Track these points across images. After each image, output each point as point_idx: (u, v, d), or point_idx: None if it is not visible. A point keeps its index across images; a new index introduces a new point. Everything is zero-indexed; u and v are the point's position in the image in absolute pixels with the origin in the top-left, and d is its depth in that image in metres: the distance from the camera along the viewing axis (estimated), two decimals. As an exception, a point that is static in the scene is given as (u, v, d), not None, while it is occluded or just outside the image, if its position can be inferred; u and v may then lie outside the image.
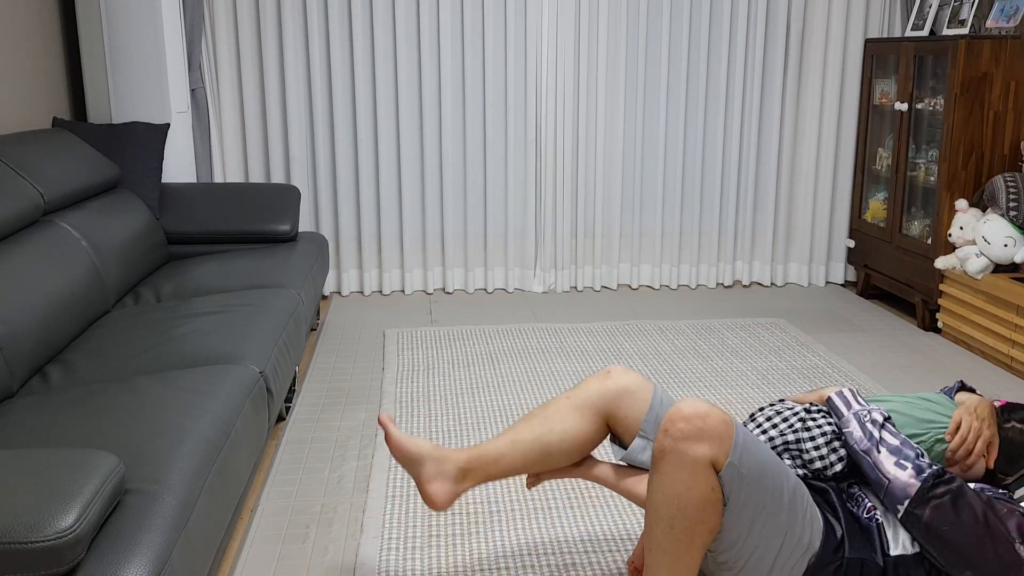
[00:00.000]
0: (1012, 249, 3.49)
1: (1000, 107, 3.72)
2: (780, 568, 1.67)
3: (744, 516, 1.62)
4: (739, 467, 1.59)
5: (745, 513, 1.62)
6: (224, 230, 3.56)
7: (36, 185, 2.72)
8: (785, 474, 1.67)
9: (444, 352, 3.60)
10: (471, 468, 1.87)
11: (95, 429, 1.82)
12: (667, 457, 1.61)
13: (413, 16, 4.23)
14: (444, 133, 4.33)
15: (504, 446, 1.90)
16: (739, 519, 1.62)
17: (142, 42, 3.59)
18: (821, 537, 1.68)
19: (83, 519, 1.33)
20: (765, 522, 1.63)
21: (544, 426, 1.91)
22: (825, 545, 1.68)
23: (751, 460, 1.61)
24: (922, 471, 1.70)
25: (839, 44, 4.47)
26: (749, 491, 1.61)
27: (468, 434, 2.82)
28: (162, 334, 2.48)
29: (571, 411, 1.93)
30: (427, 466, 1.86)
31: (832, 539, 1.69)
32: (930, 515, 1.67)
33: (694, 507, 1.60)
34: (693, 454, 1.59)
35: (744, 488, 1.60)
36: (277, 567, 2.12)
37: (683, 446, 1.59)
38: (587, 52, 4.35)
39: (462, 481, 1.87)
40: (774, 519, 1.63)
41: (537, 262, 4.58)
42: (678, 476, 1.60)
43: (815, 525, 1.68)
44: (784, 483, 1.66)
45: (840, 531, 1.71)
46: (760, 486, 1.62)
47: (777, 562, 1.66)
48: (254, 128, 4.28)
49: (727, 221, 4.63)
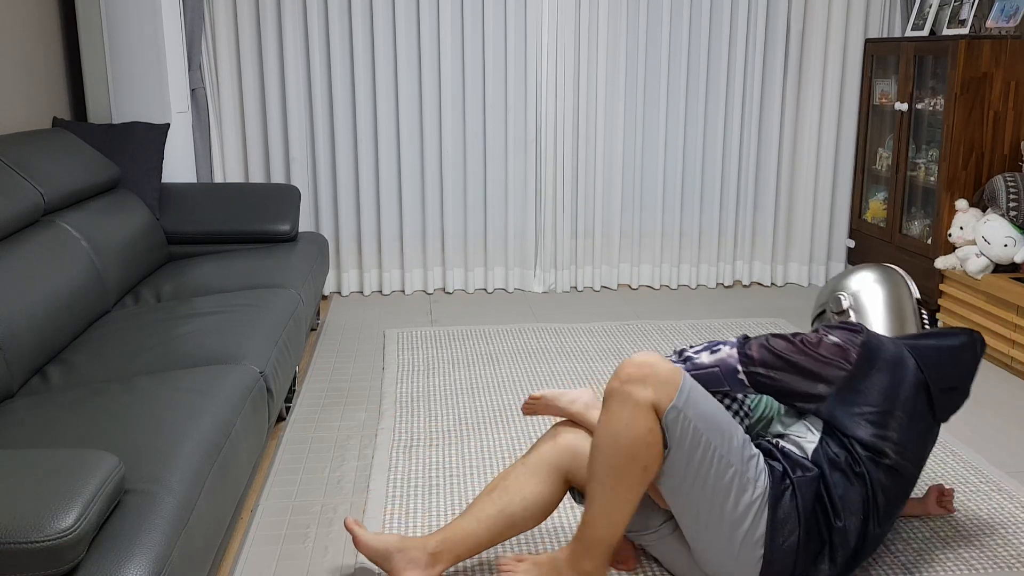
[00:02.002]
0: (1012, 249, 3.49)
1: (1000, 107, 3.72)
2: (736, 523, 1.76)
3: (689, 465, 1.73)
4: (682, 412, 1.72)
5: (691, 461, 1.73)
6: (224, 230, 3.56)
7: (36, 185, 2.72)
8: (734, 428, 1.79)
9: (444, 352, 3.60)
10: (440, 551, 1.93)
11: (95, 429, 1.82)
12: (613, 396, 1.76)
13: (413, 16, 4.23)
14: (444, 133, 4.33)
15: (469, 525, 1.95)
16: (684, 467, 1.73)
17: (142, 42, 3.59)
18: (769, 481, 1.80)
19: (83, 519, 1.33)
20: (712, 473, 1.74)
21: (504, 497, 1.96)
22: (774, 483, 1.80)
23: (696, 409, 1.73)
24: (730, 343, 1.93)
25: (839, 44, 4.47)
26: (694, 438, 1.72)
27: (468, 434, 2.82)
28: (162, 334, 2.48)
29: (529, 477, 1.97)
30: (396, 559, 1.93)
31: (776, 473, 1.82)
32: (759, 353, 1.89)
33: (629, 443, 1.72)
34: (636, 395, 1.72)
35: (688, 435, 1.72)
36: (277, 567, 2.12)
37: (628, 387, 1.74)
38: (587, 51, 4.35)
39: (433, 565, 1.93)
40: (721, 471, 1.74)
41: (537, 262, 4.58)
42: (620, 414, 1.73)
43: (763, 477, 1.79)
44: (733, 436, 1.77)
45: (781, 464, 1.85)
46: (705, 435, 1.73)
47: (731, 516, 1.75)
48: (254, 128, 4.28)
49: (727, 221, 4.63)
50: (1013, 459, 2.71)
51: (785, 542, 1.79)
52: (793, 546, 1.80)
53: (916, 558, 2.15)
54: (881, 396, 1.86)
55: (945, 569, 2.10)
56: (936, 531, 2.27)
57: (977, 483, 2.52)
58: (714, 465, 1.75)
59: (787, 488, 1.81)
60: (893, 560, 2.14)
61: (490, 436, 2.81)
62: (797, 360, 1.88)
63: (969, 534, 2.26)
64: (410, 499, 2.42)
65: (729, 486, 1.76)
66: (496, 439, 2.79)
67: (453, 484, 2.50)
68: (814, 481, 1.83)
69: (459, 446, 2.74)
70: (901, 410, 1.87)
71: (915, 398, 1.89)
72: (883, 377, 1.87)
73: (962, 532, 2.27)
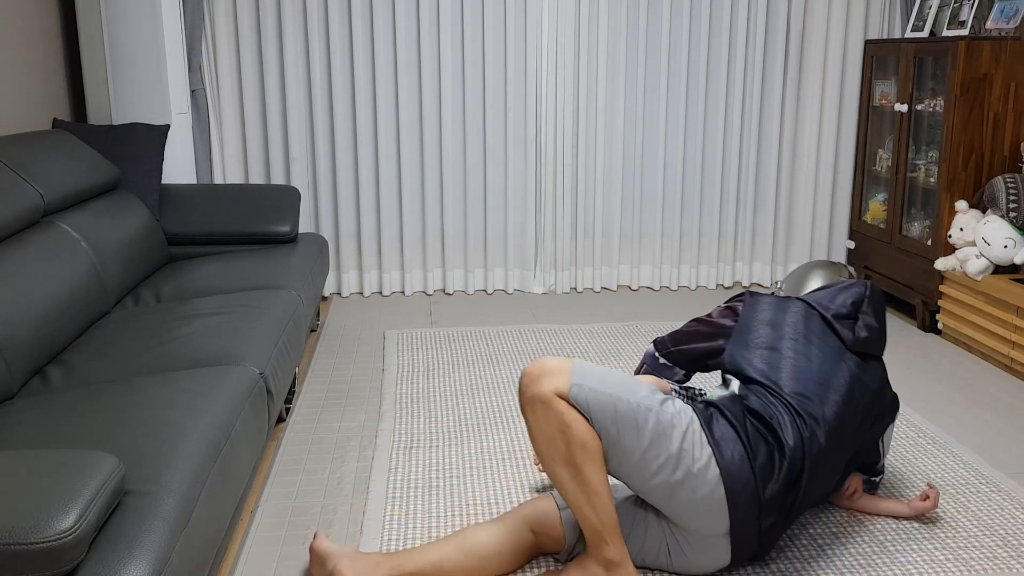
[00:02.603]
0: (1012, 250, 3.49)
1: (1000, 108, 3.72)
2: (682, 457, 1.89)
3: (615, 423, 1.87)
4: (583, 385, 1.87)
5: (615, 419, 1.87)
6: (224, 231, 3.56)
7: (36, 186, 2.72)
8: (636, 383, 1.94)
9: (444, 353, 3.60)
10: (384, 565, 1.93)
11: (95, 430, 1.82)
12: (524, 407, 1.90)
13: (413, 17, 4.23)
14: (444, 134, 4.34)
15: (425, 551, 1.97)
16: (611, 425, 1.87)
17: (142, 43, 3.59)
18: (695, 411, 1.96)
19: (83, 520, 1.33)
20: (636, 420, 1.88)
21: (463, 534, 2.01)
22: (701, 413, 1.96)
23: (595, 378, 1.89)
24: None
25: (839, 45, 4.47)
26: (604, 400, 1.87)
27: (468, 435, 2.82)
28: (162, 335, 2.48)
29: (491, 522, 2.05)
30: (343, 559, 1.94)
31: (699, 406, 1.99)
32: (670, 338, 2.29)
33: (559, 432, 1.85)
34: (539, 392, 1.87)
35: (598, 399, 1.87)
36: (277, 567, 2.11)
37: (530, 391, 1.88)
38: (587, 52, 4.35)
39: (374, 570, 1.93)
40: (643, 417, 1.88)
41: (537, 263, 4.58)
42: (536, 415, 1.88)
43: (686, 411, 1.94)
44: (639, 388, 1.92)
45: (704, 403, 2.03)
46: (612, 393, 1.88)
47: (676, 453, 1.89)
48: (254, 129, 4.28)
49: (727, 222, 4.63)
50: (1013, 460, 2.71)
51: (733, 453, 1.90)
52: (742, 455, 1.90)
53: (915, 558, 2.15)
54: (768, 328, 2.11)
55: (945, 570, 2.10)
56: (935, 532, 2.27)
57: (977, 484, 2.52)
58: (635, 413, 1.88)
59: (713, 411, 1.98)
60: (892, 560, 2.14)
61: (490, 437, 2.81)
62: (698, 329, 2.23)
63: (969, 534, 2.26)
64: (410, 500, 2.42)
65: (658, 427, 1.88)
66: (496, 440, 2.79)
67: (453, 485, 2.50)
68: (735, 400, 2.02)
69: (459, 447, 2.74)
70: (792, 335, 2.09)
71: (805, 324, 2.11)
72: (767, 314, 2.15)
73: (962, 532, 2.27)
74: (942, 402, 3.15)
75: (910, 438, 2.82)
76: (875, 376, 2.14)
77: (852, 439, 2.06)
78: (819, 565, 2.12)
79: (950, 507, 2.40)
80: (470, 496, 2.44)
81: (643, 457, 1.88)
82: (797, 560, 2.14)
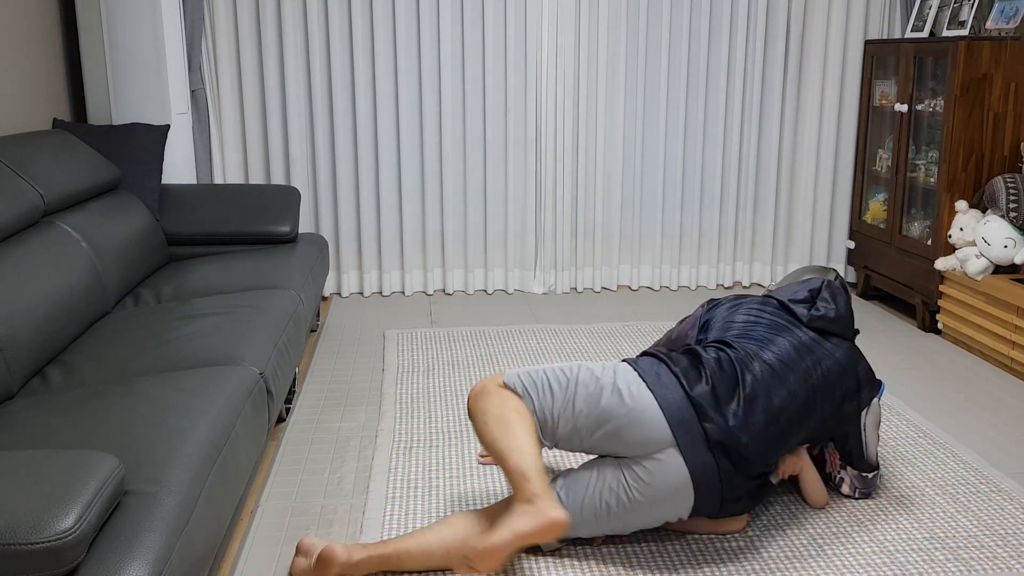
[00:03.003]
0: (1012, 250, 3.49)
1: (1000, 108, 3.72)
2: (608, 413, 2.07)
3: (557, 387, 2.11)
4: (516, 373, 2.15)
5: (556, 384, 2.11)
6: (224, 231, 3.56)
7: (36, 186, 2.72)
8: (566, 366, 2.17)
9: (444, 353, 3.60)
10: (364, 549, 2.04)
11: (95, 430, 1.82)
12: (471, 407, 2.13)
13: (413, 17, 4.23)
14: (444, 134, 4.34)
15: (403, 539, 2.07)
16: (557, 392, 2.10)
17: (142, 43, 3.60)
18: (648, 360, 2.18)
19: (83, 520, 1.34)
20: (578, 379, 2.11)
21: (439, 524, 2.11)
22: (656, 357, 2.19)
23: (523, 370, 2.16)
24: None
25: (839, 45, 4.47)
26: (536, 375, 2.13)
27: (468, 435, 2.82)
28: (162, 335, 2.49)
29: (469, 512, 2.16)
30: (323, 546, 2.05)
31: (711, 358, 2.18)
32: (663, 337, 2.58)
33: (495, 401, 2.09)
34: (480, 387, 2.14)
35: (531, 375, 2.13)
36: (277, 568, 2.12)
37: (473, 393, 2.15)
38: (587, 52, 4.35)
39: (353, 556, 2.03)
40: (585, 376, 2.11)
41: (537, 263, 4.58)
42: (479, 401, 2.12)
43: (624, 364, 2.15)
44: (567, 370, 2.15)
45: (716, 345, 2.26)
46: (542, 369, 2.15)
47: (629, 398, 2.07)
48: (254, 129, 4.28)
49: (727, 222, 4.63)
50: (1013, 460, 2.71)
51: (659, 371, 2.11)
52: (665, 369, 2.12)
53: (915, 558, 2.15)
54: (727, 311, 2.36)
55: (945, 570, 2.10)
56: (934, 532, 2.27)
57: (977, 484, 2.52)
58: (567, 368, 2.14)
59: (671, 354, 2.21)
60: (892, 560, 2.14)
61: (490, 437, 2.81)
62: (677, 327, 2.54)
63: (969, 534, 2.26)
64: (410, 500, 2.42)
65: (591, 372, 2.12)
66: (496, 440, 2.79)
67: (453, 485, 2.50)
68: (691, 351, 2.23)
69: (459, 447, 2.74)
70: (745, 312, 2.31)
71: (760, 305, 2.34)
72: (729, 303, 2.41)
73: (962, 532, 2.27)
74: (942, 402, 3.15)
75: (910, 438, 2.82)
76: (839, 352, 2.25)
77: (806, 392, 2.15)
78: (818, 564, 2.12)
79: (950, 507, 2.40)
80: (470, 496, 2.44)
81: (598, 406, 2.06)
82: (797, 560, 2.14)
